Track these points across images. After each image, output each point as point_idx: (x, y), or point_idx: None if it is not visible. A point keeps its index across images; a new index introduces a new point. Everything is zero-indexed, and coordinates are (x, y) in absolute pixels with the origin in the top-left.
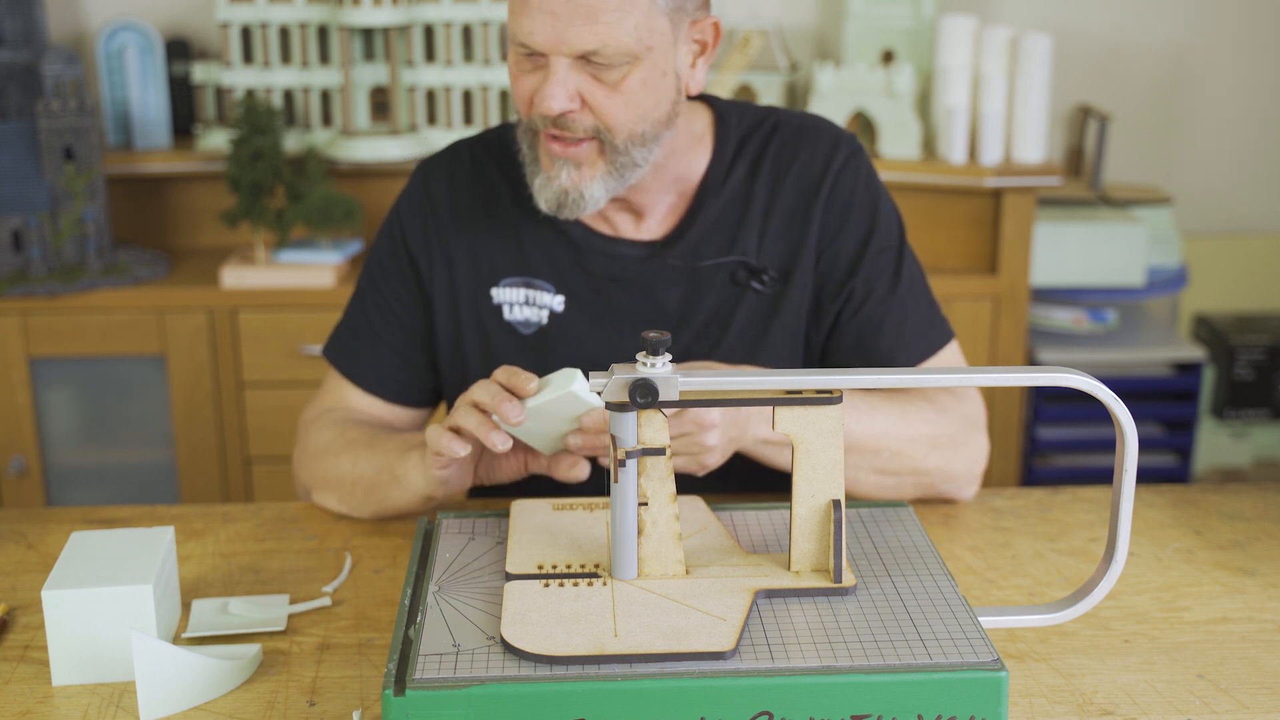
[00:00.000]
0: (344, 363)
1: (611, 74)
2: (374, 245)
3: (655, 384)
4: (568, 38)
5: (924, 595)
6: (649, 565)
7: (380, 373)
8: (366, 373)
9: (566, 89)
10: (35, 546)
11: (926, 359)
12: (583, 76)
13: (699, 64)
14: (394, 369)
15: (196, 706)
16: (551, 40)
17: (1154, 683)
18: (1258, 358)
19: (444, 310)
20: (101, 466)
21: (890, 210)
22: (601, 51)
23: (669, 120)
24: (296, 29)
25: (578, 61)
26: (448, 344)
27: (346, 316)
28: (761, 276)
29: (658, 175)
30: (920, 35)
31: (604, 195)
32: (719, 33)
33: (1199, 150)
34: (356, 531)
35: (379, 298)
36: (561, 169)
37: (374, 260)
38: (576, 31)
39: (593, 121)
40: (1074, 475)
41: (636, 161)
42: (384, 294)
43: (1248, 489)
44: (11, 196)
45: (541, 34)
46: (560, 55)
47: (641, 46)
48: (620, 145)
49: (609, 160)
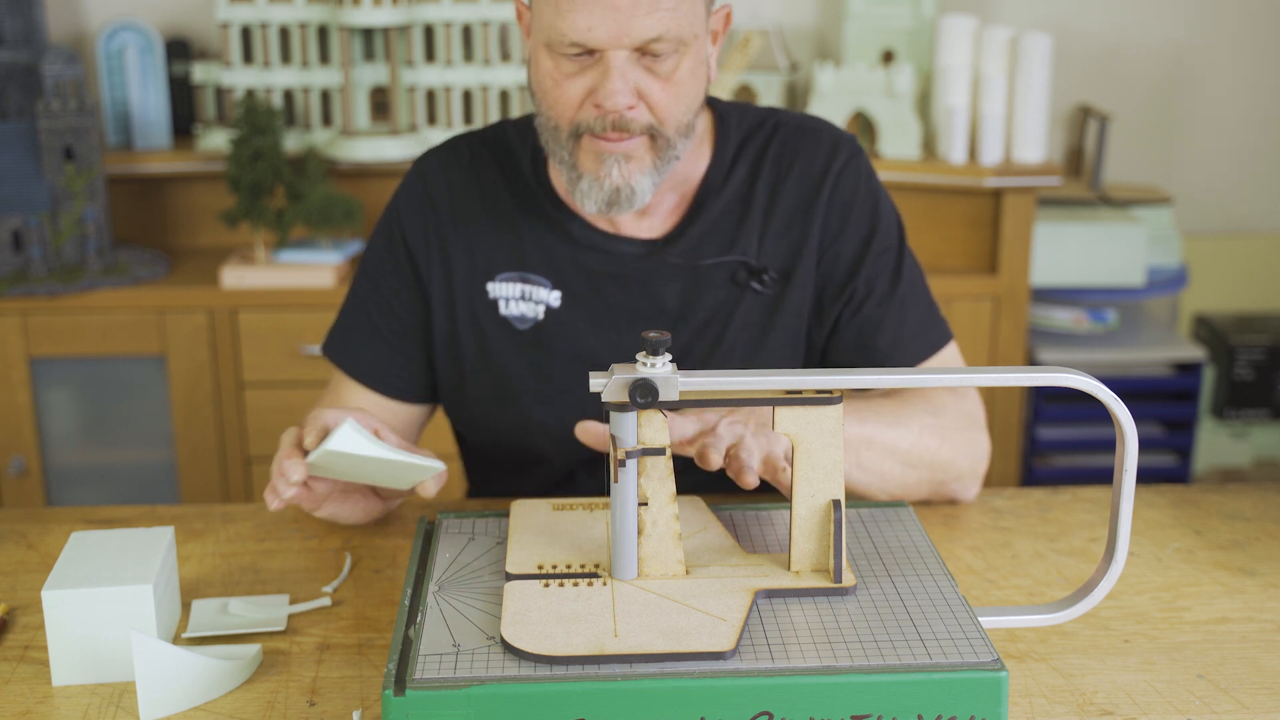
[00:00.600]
0: (344, 359)
1: (665, 65)
2: (371, 240)
3: (655, 384)
4: (631, 28)
5: (924, 595)
6: (649, 565)
7: (380, 369)
8: (366, 369)
9: (629, 84)
10: (35, 546)
11: (925, 359)
12: (639, 70)
13: (713, 52)
14: (393, 365)
15: (196, 706)
16: (613, 33)
17: (1154, 683)
18: (1258, 358)
19: (440, 305)
20: (101, 466)
21: (890, 211)
22: (663, 37)
23: (701, 109)
24: (296, 29)
25: (633, 55)
26: (443, 339)
27: (344, 313)
28: (761, 277)
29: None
30: (920, 35)
31: (651, 189)
32: (729, 22)
33: (1199, 150)
34: (356, 531)
35: (377, 294)
36: (612, 166)
37: (371, 255)
38: (640, 20)
39: (648, 118)
40: (1074, 475)
41: (678, 153)
42: (382, 290)
43: (1248, 489)
44: (11, 196)
45: (603, 28)
46: (621, 49)
47: (691, 34)
48: (671, 137)
49: (657, 153)
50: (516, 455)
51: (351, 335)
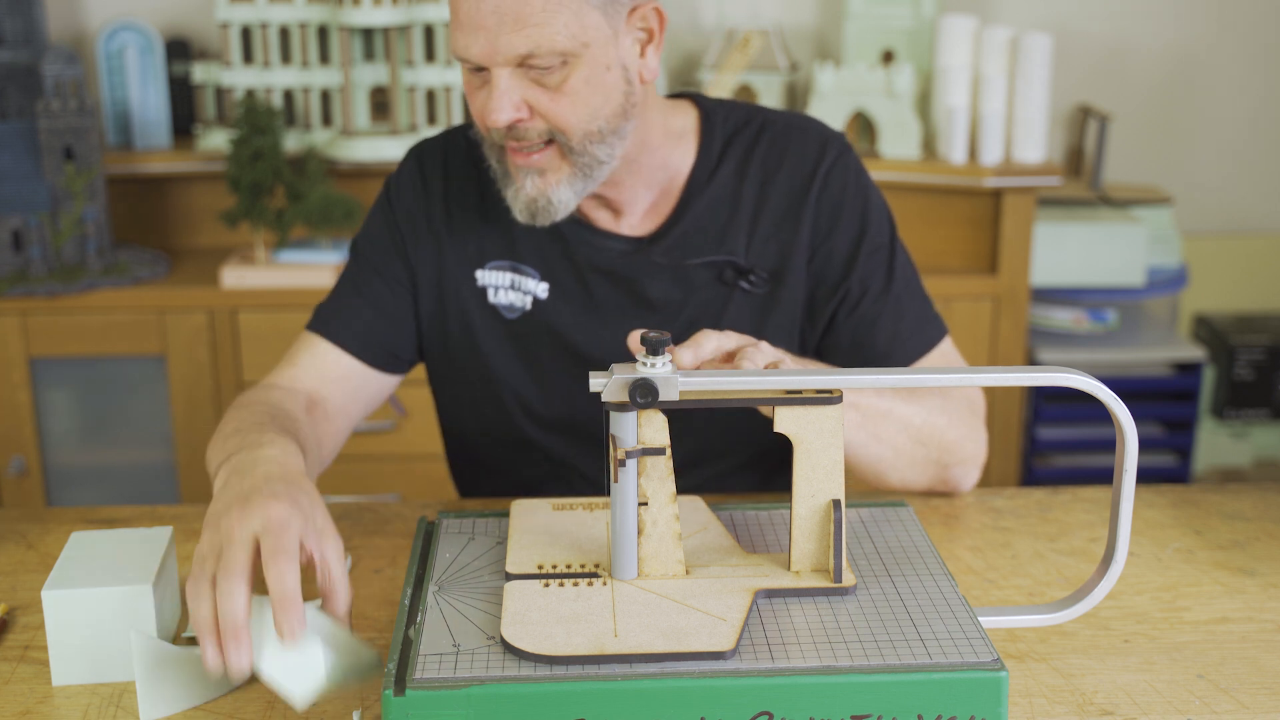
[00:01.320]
0: (328, 327)
1: (552, 77)
2: (365, 223)
3: (655, 384)
4: (500, 46)
5: (924, 595)
6: (649, 565)
7: (356, 329)
8: (342, 330)
9: (511, 99)
10: (35, 546)
11: (922, 355)
12: (525, 84)
13: (649, 52)
14: (374, 327)
15: (196, 707)
16: (486, 52)
17: (1154, 683)
18: (1258, 358)
19: (428, 288)
20: (101, 466)
21: (881, 208)
22: (536, 54)
23: (625, 113)
24: (296, 29)
25: (517, 70)
26: (429, 320)
27: (331, 292)
28: (749, 276)
29: (631, 170)
30: (920, 35)
31: (573, 197)
32: (663, 18)
33: (1199, 150)
34: (356, 531)
35: (366, 266)
36: (526, 178)
37: (362, 234)
38: (507, 39)
39: (544, 126)
40: (1074, 475)
41: (600, 159)
42: (371, 262)
43: (1248, 489)
44: (11, 196)
45: (476, 47)
46: (498, 66)
47: (576, 44)
48: (577, 146)
49: (571, 162)
50: (502, 444)
51: (335, 303)
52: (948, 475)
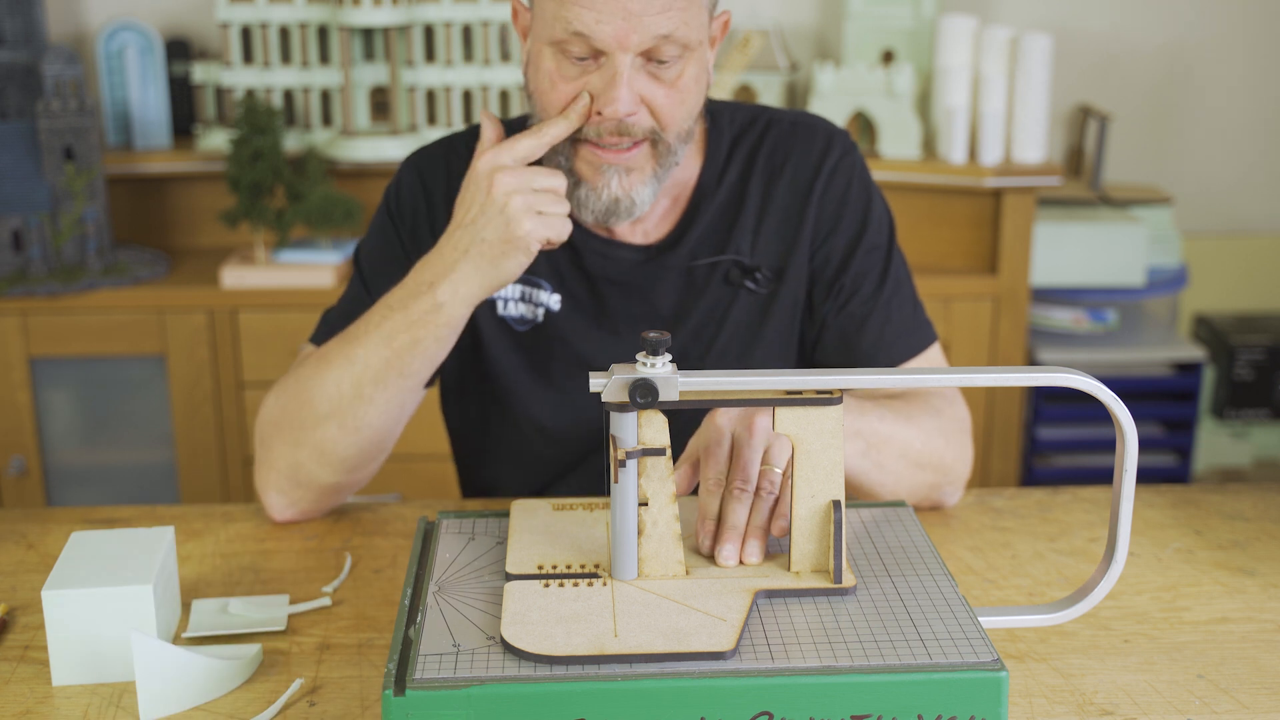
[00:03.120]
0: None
1: (670, 70)
2: (368, 238)
3: (655, 384)
4: (641, 26)
5: (924, 595)
6: (649, 565)
7: None
8: None
9: (633, 90)
10: (35, 546)
11: (908, 360)
12: (642, 76)
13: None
14: None
15: (196, 706)
16: (622, 32)
17: (1154, 683)
18: (1258, 358)
19: None
20: (101, 466)
21: (882, 209)
22: (672, 38)
23: (700, 115)
24: (296, 29)
25: (637, 60)
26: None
27: (339, 304)
28: (755, 275)
29: None
30: (920, 35)
31: (651, 197)
32: (727, 28)
33: (1199, 150)
34: (356, 531)
35: (378, 286)
36: (611, 177)
37: (367, 250)
38: (651, 20)
39: (650, 124)
40: (1074, 475)
41: (678, 159)
42: (382, 284)
43: (1248, 489)
44: (11, 196)
45: (610, 26)
46: (628, 51)
47: (697, 39)
48: (672, 144)
49: (657, 161)
50: (510, 454)
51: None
52: (937, 495)
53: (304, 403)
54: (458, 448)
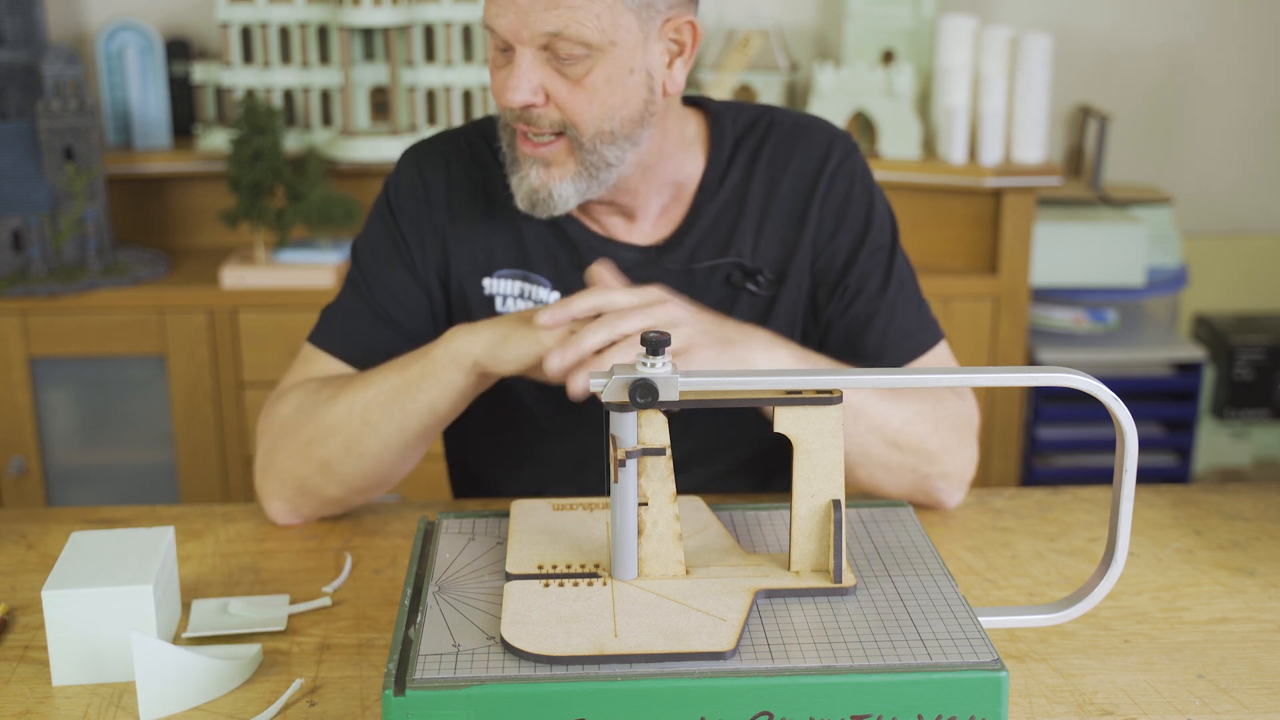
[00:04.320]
0: (341, 346)
1: (575, 68)
2: (365, 232)
3: (655, 384)
4: (529, 21)
5: (924, 595)
6: (649, 565)
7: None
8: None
9: (530, 81)
10: (35, 546)
11: (913, 360)
12: (547, 71)
13: (677, 65)
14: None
15: (196, 706)
16: (514, 26)
17: (1154, 683)
18: (1258, 358)
19: (436, 297)
20: (101, 466)
21: (884, 210)
22: (563, 35)
23: (642, 120)
24: (296, 29)
25: (541, 54)
26: (435, 329)
27: (338, 301)
28: (756, 278)
29: (645, 178)
30: (920, 35)
31: (575, 195)
32: (697, 34)
33: (1199, 150)
34: (356, 531)
35: (377, 281)
36: (531, 167)
37: (365, 246)
38: (538, 15)
39: (558, 116)
40: (1074, 475)
41: (609, 161)
42: (382, 279)
43: (1248, 489)
44: (11, 196)
45: (505, 19)
46: (524, 44)
47: (604, 40)
48: (587, 143)
49: (578, 159)
50: (507, 455)
51: (348, 321)
52: (928, 487)
53: (318, 419)
54: (454, 449)
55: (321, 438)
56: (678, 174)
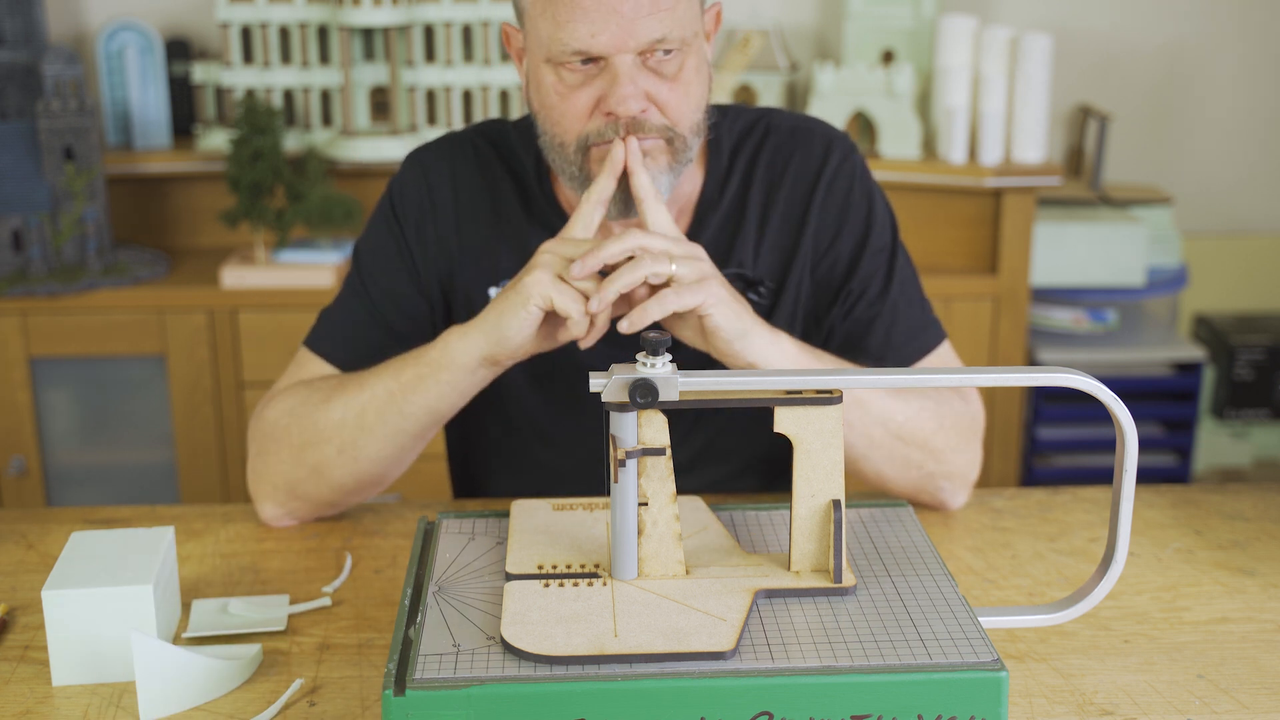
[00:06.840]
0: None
1: (670, 65)
2: (367, 234)
3: (655, 384)
4: (635, 31)
5: (924, 595)
6: (649, 565)
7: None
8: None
9: (638, 89)
10: (35, 546)
11: (917, 361)
12: (644, 74)
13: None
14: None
15: (196, 706)
16: (618, 38)
17: (1154, 683)
18: (1258, 358)
19: (436, 304)
20: (101, 466)
21: (885, 211)
22: (668, 39)
23: (708, 107)
24: (296, 29)
25: (637, 59)
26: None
27: (336, 305)
28: (758, 288)
29: None
30: (920, 35)
31: (669, 188)
32: (719, 21)
33: (1199, 150)
34: (356, 531)
35: (378, 285)
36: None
37: (366, 249)
38: (644, 23)
39: (661, 120)
40: (1074, 475)
41: (691, 154)
42: (383, 283)
43: (1248, 489)
44: (11, 196)
45: (607, 34)
46: (626, 53)
47: (691, 32)
48: (686, 138)
49: (673, 155)
50: (510, 462)
51: (346, 326)
52: (932, 486)
53: (309, 423)
54: (455, 451)
55: (314, 442)
56: (682, 185)
